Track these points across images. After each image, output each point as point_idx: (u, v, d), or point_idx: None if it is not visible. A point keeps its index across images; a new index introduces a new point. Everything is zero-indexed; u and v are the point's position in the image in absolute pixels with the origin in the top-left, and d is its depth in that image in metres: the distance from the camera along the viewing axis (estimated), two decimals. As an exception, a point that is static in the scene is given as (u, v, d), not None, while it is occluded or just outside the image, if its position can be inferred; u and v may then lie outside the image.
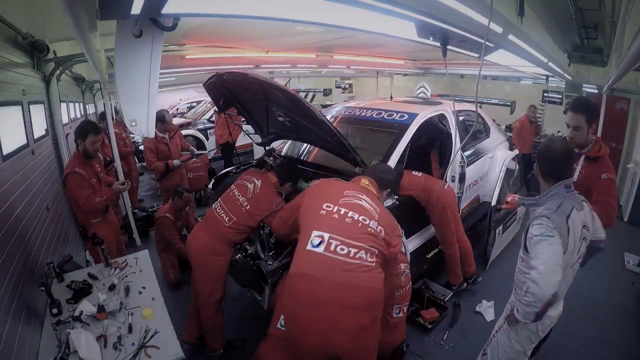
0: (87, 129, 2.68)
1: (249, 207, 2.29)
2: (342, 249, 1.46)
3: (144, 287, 2.13)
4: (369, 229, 1.53)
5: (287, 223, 1.91)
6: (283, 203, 2.29)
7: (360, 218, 1.56)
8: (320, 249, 1.47)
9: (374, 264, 1.48)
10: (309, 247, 1.50)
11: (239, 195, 2.35)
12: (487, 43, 1.67)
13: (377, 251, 1.50)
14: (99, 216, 2.80)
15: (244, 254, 2.46)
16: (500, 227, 3.36)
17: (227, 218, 2.30)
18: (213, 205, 2.46)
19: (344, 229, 1.52)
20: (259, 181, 2.37)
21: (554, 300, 1.41)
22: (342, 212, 1.57)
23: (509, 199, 2.56)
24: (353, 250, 1.47)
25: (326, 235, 1.50)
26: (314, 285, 1.43)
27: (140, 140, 7.13)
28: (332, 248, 1.47)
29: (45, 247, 2.41)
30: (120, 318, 1.86)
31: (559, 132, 5.95)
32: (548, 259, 1.40)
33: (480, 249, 3.52)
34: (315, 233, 1.51)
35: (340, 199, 1.63)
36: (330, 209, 1.59)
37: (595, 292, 3.18)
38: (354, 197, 1.64)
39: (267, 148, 3.36)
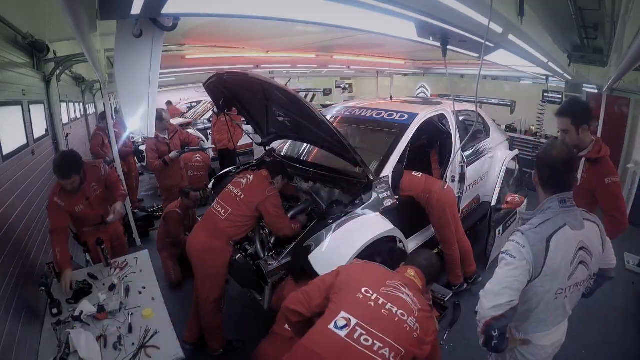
0: (55, 171, 2.24)
1: (243, 196, 2.41)
2: (366, 340, 1.30)
3: (144, 287, 2.14)
4: (405, 325, 1.37)
5: (311, 303, 1.53)
6: (275, 191, 2.44)
7: (399, 312, 1.39)
8: (343, 333, 1.32)
9: None
10: (331, 326, 1.34)
11: (233, 189, 2.50)
12: (487, 43, 1.67)
13: (404, 352, 1.32)
14: (90, 226, 2.64)
15: (244, 254, 2.46)
16: (500, 227, 3.35)
17: (223, 211, 2.40)
18: (212, 205, 2.54)
19: (376, 320, 1.36)
20: (252, 176, 2.53)
21: (502, 323, 1.28)
22: (380, 302, 1.41)
23: (509, 199, 2.55)
24: (378, 345, 1.30)
25: (353, 321, 1.34)
26: None
27: (140, 140, 7.13)
28: (355, 336, 1.31)
29: (45, 247, 2.42)
30: (120, 318, 1.86)
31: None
32: (498, 280, 1.32)
33: (480, 248, 3.51)
34: (343, 314, 1.36)
35: (382, 287, 1.47)
36: (369, 295, 1.43)
37: (595, 292, 3.17)
38: (396, 288, 1.48)
39: (267, 148, 3.36)
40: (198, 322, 2.55)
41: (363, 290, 1.44)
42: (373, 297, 1.42)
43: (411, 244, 2.94)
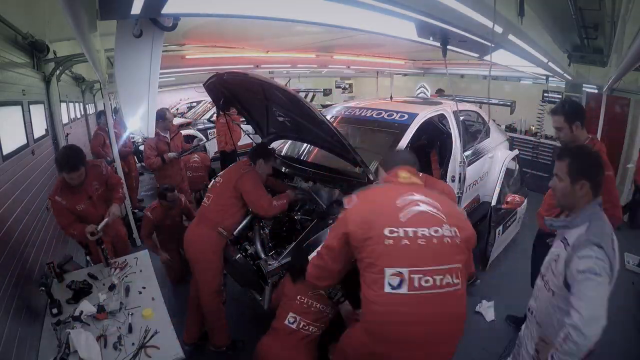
0: (62, 165, 2.21)
1: (221, 180, 2.53)
2: (427, 282, 1.25)
3: (144, 287, 2.13)
4: (446, 240, 1.31)
5: (333, 269, 1.48)
6: (252, 169, 2.49)
7: (432, 232, 1.31)
8: (404, 290, 1.24)
9: (459, 284, 1.30)
10: (387, 289, 1.26)
11: (216, 179, 2.62)
12: (487, 43, 1.67)
13: (460, 266, 1.31)
14: None
15: (244, 254, 2.46)
16: (500, 227, 3.34)
17: (208, 201, 2.51)
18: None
19: (422, 257, 1.28)
20: (235, 165, 2.66)
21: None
22: (410, 234, 1.29)
23: (509, 199, 2.54)
24: (438, 278, 1.26)
25: (405, 271, 1.25)
26: (409, 330, 1.27)
27: (140, 140, 7.12)
28: (415, 284, 1.24)
29: (45, 247, 2.42)
30: (120, 318, 1.86)
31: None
32: (594, 303, 1.19)
33: (480, 248, 3.51)
34: (390, 271, 1.26)
35: (399, 213, 1.33)
36: (396, 234, 1.29)
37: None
38: (411, 204, 1.35)
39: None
40: (196, 321, 2.56)
41: (387, 232, 1.30)
42: (402, 234, 1.29)
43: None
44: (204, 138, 4.99)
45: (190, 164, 4.80)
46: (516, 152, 4.23)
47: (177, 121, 8.37)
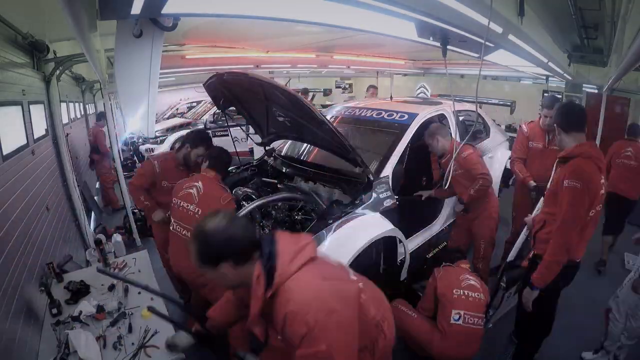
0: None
1: (200, 212, 2.11)
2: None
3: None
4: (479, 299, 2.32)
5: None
6: (230, 197, 2.20)
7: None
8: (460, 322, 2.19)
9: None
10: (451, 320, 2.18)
11: (187, 206, 2.17)
12: (487, 43, 1.67)
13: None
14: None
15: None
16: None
17: (190, 234, 2.07)
18: (171, 227, 2.27)
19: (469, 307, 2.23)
20: (200, 182, 2.20)
21: None
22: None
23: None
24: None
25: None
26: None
27: (140, 141, 7.13)
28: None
29: (45, 247, 2.41)
30: (119, 318, 1.86)
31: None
32: None
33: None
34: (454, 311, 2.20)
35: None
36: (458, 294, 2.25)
37: (595, 293, 3.17)
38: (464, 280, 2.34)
39: (267, 148, 3.36)
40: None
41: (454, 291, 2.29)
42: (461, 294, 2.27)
43: (411, 244, 2.94)
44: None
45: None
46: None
47: (176, 121, 8.38)
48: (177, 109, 10.38)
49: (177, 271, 2.29)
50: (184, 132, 6.47)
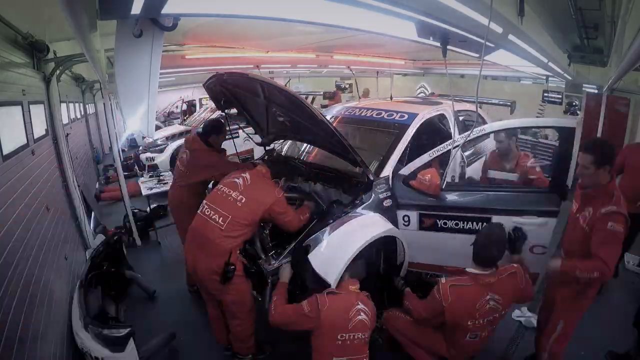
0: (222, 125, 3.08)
1: (244, 200, 2.10)
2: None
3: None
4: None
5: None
6: (282, 193, 2.24)
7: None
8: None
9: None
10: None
11: (229, 192, 2.15)
12: (487, 43, 1.67)
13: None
14: None
15: (244, 254, 2.46)
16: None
17: (222, 219, 2.08)
18: (200, 209, 2.23)
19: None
20: (248, 174, 2.22)
21: None
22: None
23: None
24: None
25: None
26: None
27: (140, 149, 7.09)
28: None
29: (45, 247, 2.41)
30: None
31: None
32: None
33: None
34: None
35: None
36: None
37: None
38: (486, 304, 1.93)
39: (267, 148, 3.36)
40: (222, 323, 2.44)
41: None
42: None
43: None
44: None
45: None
46: None
47: (177, 129, 8.22)
48: (177, 107, 10.38)
49: (193, 267, 2.20)
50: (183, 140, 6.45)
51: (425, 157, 2.64)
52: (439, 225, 2.53)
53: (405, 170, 2.67)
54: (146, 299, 3.23)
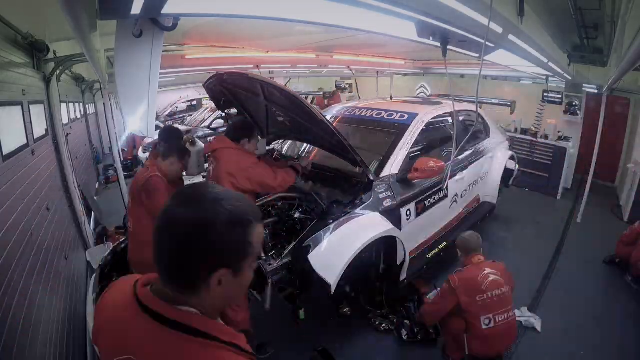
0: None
1: (219, 168, 2.31)
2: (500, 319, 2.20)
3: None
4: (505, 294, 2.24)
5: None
6: (243, 151, 2.34)
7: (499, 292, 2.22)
8: (492, 325, 2.20)
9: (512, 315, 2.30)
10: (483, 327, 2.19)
11: (211, 169, 2.40)
12: (487, 43, 1.67)
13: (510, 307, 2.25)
14: None
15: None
16: None
17: None
18: None
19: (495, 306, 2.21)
20: (214, 157, 2.39)
21: None
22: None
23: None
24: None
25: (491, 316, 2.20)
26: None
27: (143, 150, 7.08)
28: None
29: (45, 247, 2.41)
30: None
31: (559, 131, 5.93)
32: None
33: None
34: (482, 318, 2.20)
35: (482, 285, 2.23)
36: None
37: (595, 293, 3.18)
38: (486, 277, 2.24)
39: (267, 148, 3.36)
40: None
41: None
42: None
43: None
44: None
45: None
46: (511, 153, 4.26)
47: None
48: (177, 107, 10.38)
49: None
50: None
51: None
52: (428, 203, 2.93)
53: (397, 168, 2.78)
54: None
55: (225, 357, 0.67)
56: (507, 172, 4.18)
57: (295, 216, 2.61)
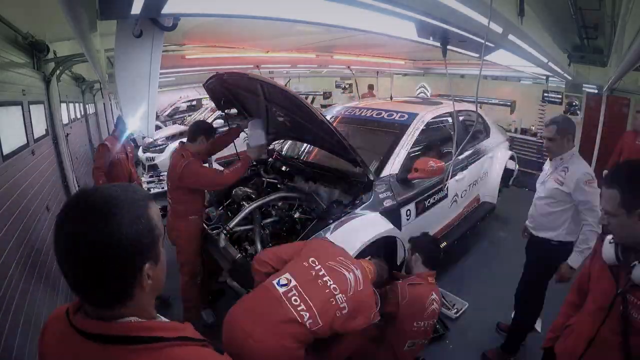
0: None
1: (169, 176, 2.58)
2: (295, 300, 1.58)
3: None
4: (332, 299, 1.61)
5: (279, 260, 1.86)
6: (190, 161, 2.41)
7: (332, 286, 1.64)
8: (281, 290, 1.64)
9: None
10: (275, 281, 1.67)
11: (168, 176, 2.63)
12: (487, 43, 1.67)
13: (321, 323, 1.58)
14: None
15: (244, 254, 2.46)
16: None
17: (169, 195, 2.63)
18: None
19: (310, 287, 1.64)
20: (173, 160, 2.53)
21: None
22: (320, 273, 1.68)
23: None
24: (302, 307, 1.59)
25: (293, 282, 1.64)
26: None
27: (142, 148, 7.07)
28: (289, 295, 1.60)
29: (45, 248, 2.41)
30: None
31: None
32: None
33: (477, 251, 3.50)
34: (287, 275, 1.69)
35: (329, 261, 1.74)
36: (314, 265, 1.71)
37: (595, 292, 3.16)
38: (344, 266, 1.74)
39: (267, 148, 3.35)
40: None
41: (310, 260, 1.70)
42: (316, 268, 1.68)
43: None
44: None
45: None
46: (511, 153, 4.26)
47: (177, 129, 8.17)
48: (177, 108, 10.38)
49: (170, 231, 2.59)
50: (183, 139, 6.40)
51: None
52: (428, 203, 2.92)
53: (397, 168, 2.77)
54: (161, 306, 3.17)
55: (175, 354, 0.67)
56: (507, 172, 4.18)
57: (295, 216, 2.61)
